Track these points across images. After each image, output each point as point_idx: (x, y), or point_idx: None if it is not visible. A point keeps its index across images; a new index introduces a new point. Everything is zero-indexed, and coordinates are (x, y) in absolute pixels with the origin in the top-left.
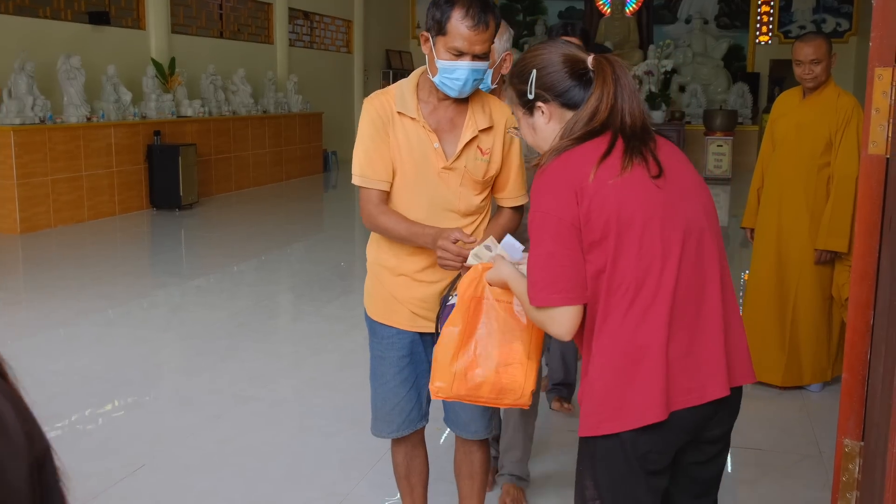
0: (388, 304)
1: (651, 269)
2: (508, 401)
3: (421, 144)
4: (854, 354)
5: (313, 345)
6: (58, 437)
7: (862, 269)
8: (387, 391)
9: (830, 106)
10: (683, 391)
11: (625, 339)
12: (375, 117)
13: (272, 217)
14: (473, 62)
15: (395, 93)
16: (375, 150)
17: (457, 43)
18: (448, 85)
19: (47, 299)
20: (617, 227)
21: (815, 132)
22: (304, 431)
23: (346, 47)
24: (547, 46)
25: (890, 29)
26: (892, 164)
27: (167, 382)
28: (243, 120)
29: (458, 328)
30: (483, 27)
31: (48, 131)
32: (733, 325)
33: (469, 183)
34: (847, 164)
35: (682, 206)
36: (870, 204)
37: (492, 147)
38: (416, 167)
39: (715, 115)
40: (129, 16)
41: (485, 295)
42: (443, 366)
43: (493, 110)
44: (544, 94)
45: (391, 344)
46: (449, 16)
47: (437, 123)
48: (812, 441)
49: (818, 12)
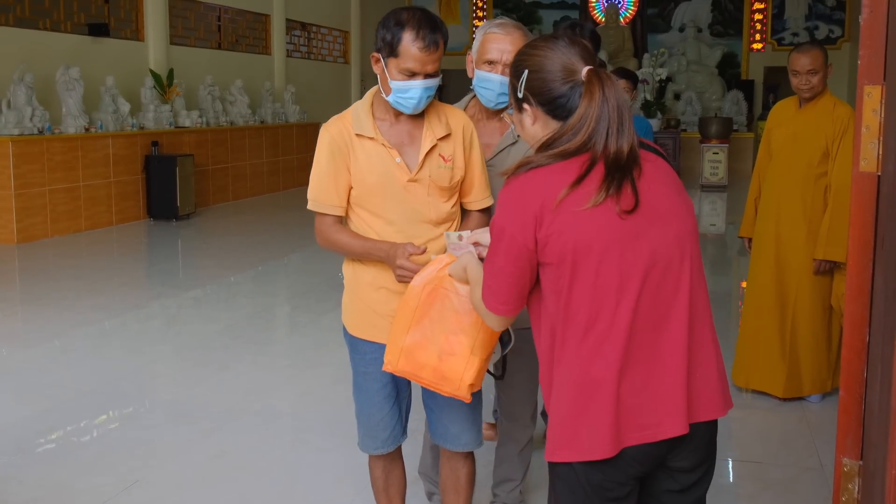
0: (368, 318)
1: (606, 301)
2: (448, 389)
3: (383, 162)
4: (850, 373)
5: (309, 357)
6: (52, 450)
7: (856, 287)
8: (371, 407)
9: (827, 116)
10: (636, 427)
11: (579, 370)
12: (332, 144)
13: (269, 227)
14: (426, 80)
15: (352, 115)
16: (329, 177)
17: (409, 64)
18: (402, 104)
19: (43, 310)
20: (573, 256)
21: (812, 142)
22: (299, 446)
23: (343, 58)
24: (547, 47)
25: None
26: (883, 182)
27: (162, 395)
28: (241, 130)
29: (408, 308)
30: (434, 48)
31: (46, 142)
32: (703, 357)
33: (436, 191)
34: (844, 173)
35: (649, 235)
36: (862, 221)
37: (453, 153)
38: (382, 185)
39: (710, 123)
40: (128, 27)
41: (443, 284)
42: (392, 341)
43: (450, 118)
44: (530, 98)
45: (374, 359)
46: (400, 38)
47: (397, 138)
48: (813, 453)
49: (811, 19)
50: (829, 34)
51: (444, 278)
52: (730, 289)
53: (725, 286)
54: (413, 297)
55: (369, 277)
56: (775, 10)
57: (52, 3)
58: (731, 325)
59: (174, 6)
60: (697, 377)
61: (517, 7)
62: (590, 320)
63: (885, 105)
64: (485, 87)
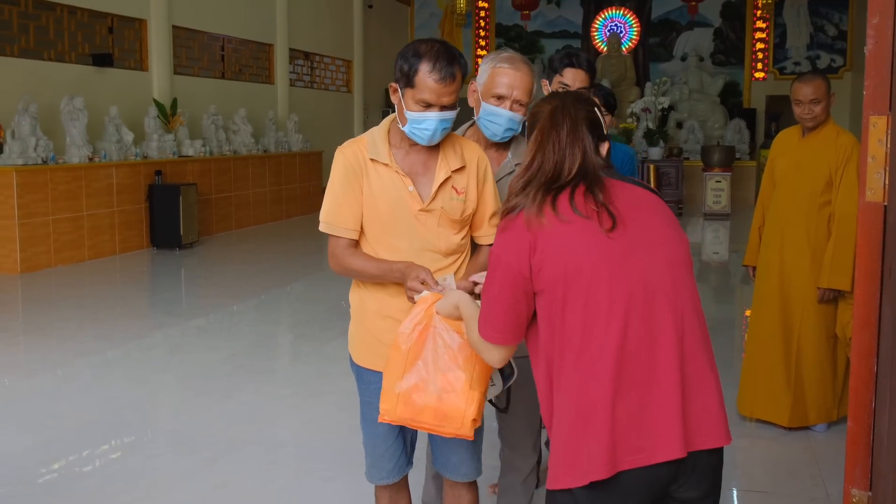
0: (373, 348)
1: (597, 322)
2: (450, 429)
3: (396, 189)
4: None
5: (312, 386)
6: (54, 480)
7: (864, 317)
8: (376, 437)
9: (830, 145)
10: (632, 450)
11: (576, 393)
12: (347, 167)
13: (272, 256)
14: (442, 112)
15: (368, 140)
16: (344, 199)
17: (425, 95)
18: (417, 134)
19: (46, 340)
20: (564, 279)
21: (815, 171)
22: (302, 475)
23: (346, 87)
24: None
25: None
26: (889, 211)
27: (165, 425)
28: (244, 159)
29: (400, 353)
30: (450, 80)
31: (50, 171)
32: (702, 387)
33: (447, 223)
34: (848, 202)
35: (637, 258)
36: (869, 251)
37: (466, 186)
38: (393, 211)
39: (713, 151)
40: (132, 57)
41: (433, 323)
42: (387, 389)
43: (465, 150)
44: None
45: (378, 389)
46: (416, 69)
47: (411, 167)
48: (819, 483)
49: (812, 49)
50: (831, 63)
51: (432, 317)
52: (733, 317)
53: (729, 314)
54: (403, 340)
55: (375, 306)
56: (777, 39)
57: (57, 33)
58: (734, 353)
59: (178, 36)
60: (697, 405)
61: (519, 36)
62: (583, 342)
63: (890, 135)
64: (492, 120)
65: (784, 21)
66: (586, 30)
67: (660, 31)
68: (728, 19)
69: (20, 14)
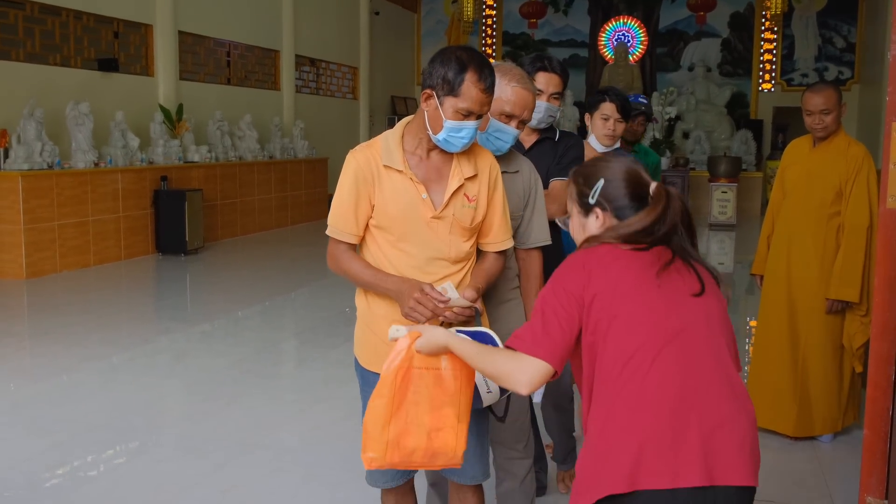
0: (378, 351)
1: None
2: (441, 462)
3: (409, 196)
4: (875, 411)
5: (318, 392)
6: (60, 485)
7: (882, 324)
8: None
9: (841, 155)
10: (653, 473)
11: (612, 418)
12: (357, 172)
13: (277, 262)
14: (476, 122)
15: (382, 146)
16: (350, 205)
17: (467, 104)
18: (452, 143)
19: (51, 345)
20: (609, 311)
21: (825, 181)
22: (309, 481)
23: (352, 93)
24: (617, 161)
25: None
26: None
27: (171, 430)
28: (249, 165)
29: (384, 399)
30: (493, 90)
31: (56, 176)
32: (733, 423)
33: (458, 230)
34: (858, 213)
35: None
36: (889, 258)
37: (478, 194)
38: (406, 218)
39: (719, 162)
40: (137, 63)
41: (413, 364)
42: (374, 437)
43: (478, 158)
44: (604, 203)
45: None
46: (463, 78)
47: (424, 174)
48: (826, 493)
49: (820, 60)
50: (839, 75)
51: (413, 357)
52: (738, 327)
53: (735, 324)
54: (387, 385)
55: (383, 310)
56: (785, 50)
57: (63, 38)
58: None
59: (184, 42)
60: (729, 441)
61: (526, 45)
62: (621, 370)
63: None
64: (499, 137)
65: (792, 32)
66: (593, 39)
67: (667, 41)
68: (736, 30)
69: (26, 18)
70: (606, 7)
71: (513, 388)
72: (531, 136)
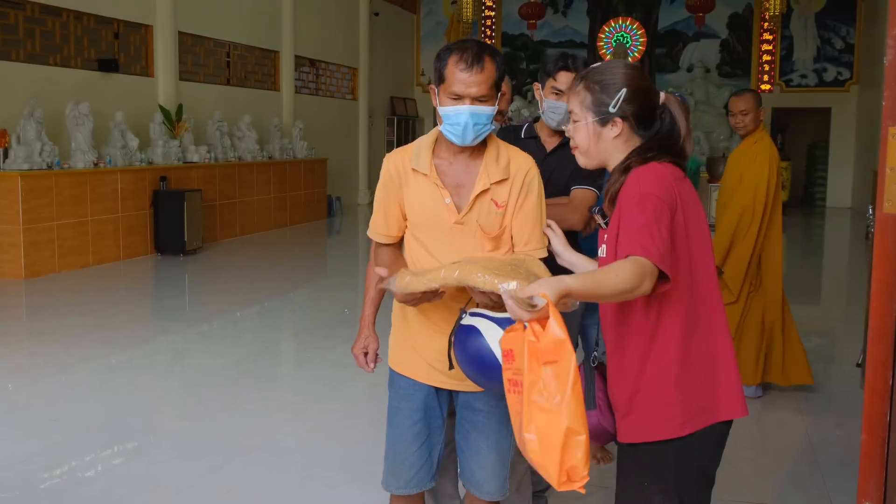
0: (407, 353)
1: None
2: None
3: (433, 200)
4: (873, 415)
5: (316, 393)
6: (58, 486)
7: (879, 329)
8: (399, 443)
9: (744, 151)
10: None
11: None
12: (388, 175)
13: (276, 263)
14: (473, 105)
15: (413, 149)
16: (383, 207)
17: (454, 87)
18: (451, 132)
19: (49, 345)
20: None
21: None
22: (307, 482)
23: (352, 94)
24: (634, 69)
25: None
26: None
27: (169, 431)
28: (248, 166)
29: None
30: (478, 68)
31: (55, 176)
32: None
33: (482, 237)
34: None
35: None
36: (885, 263)
37: (507, 199)
38: (430, 223)
39: (718, 163)
40: (137, 63)
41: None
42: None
43: (513, 161)
44: (627, 112)
45: (406, 395)
46: (446, 63)
47: (453, 178)
48: (824, 496)
49: (819, 61)
50: (838, 76)
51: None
52: None
53: None
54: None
55: (414, 311)
56: (784, 51)
57: (63, 38)
58: None
59: (183, 42)
60: None
61: (525, 46)
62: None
63: None
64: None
65: (791, 33)
66: (592, 40)
67: (666, 42)
68: (735, 31)
69: (26, 19)
70: (605, 8)
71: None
72: (553, 139)
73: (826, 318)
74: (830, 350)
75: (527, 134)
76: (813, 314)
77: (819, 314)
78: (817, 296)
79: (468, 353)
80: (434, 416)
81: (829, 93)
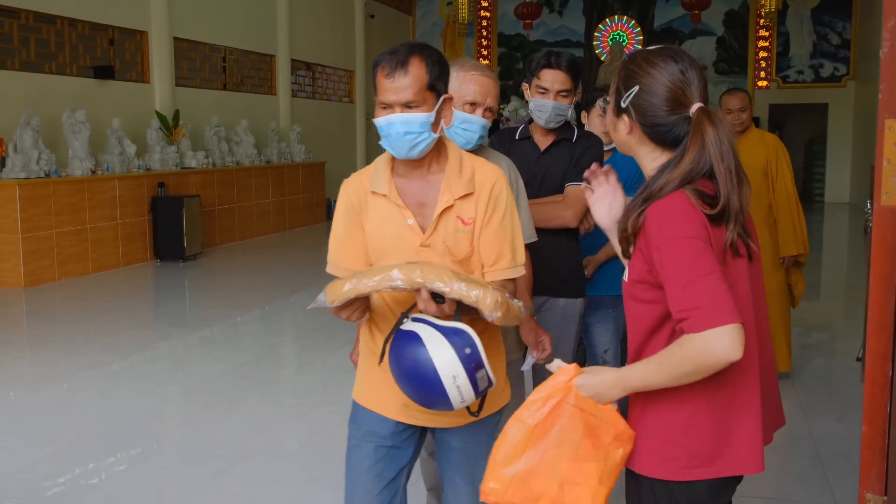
0: (377, 389)
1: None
2: None
3: (394, 222)
4: (874, 407)
5: (319, 396)
6: (61, 493)
7: (879, 321)
8: (357, 487)
9: (757, 144)
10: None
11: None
12: (348, 203)
13: (276, 267)
14: (403, 114)
15: (373, 170)
16: (344, 238)
17: (380, 96)
18: (387, 145)
19: (51, 353)
20: None
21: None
22: (310, 486)
23: (348, 97)
24: (665, 64)
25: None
26: None
27: (172, 436)
28: (246, 170)
29: (524, 426)
30: (402, 72)
31: (53, 184)
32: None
33: (451, 262)
34: (787, 184)
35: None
36: (883, 256)
37: (475, 216)
38: (395, 249)
39: None
40: (133, 70)
41: (567, 399)
42: (500, 464)
43: (477, 173)
44: (633, 113)
45: (370, 432)
46: (375, 71)
47: (415, 196)
48: (826, 489)
49: (815, 57)
50: (835, 72)
51: (570, 390)
52: None
53: None
54: (531, 412)
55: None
56: (780, 47)
57: (58, 46)
58: None
59: (179, 48)
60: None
61: (521, 46)
62: None
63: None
64: (466, 128)
65: (787, 30)
66: (589, 39)
67: (663, 40)
68: (731, 28)
69: (21, 27)
70: (601, 7)
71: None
72: (547, 138)
73: (826, 314)
74: (831, 345)
75: (521, 135)
76: (813, 309)
77: (819, 309)
78: (817, 291)
79: (403, 361)
80: (401, 458)
81: (825, 88)
